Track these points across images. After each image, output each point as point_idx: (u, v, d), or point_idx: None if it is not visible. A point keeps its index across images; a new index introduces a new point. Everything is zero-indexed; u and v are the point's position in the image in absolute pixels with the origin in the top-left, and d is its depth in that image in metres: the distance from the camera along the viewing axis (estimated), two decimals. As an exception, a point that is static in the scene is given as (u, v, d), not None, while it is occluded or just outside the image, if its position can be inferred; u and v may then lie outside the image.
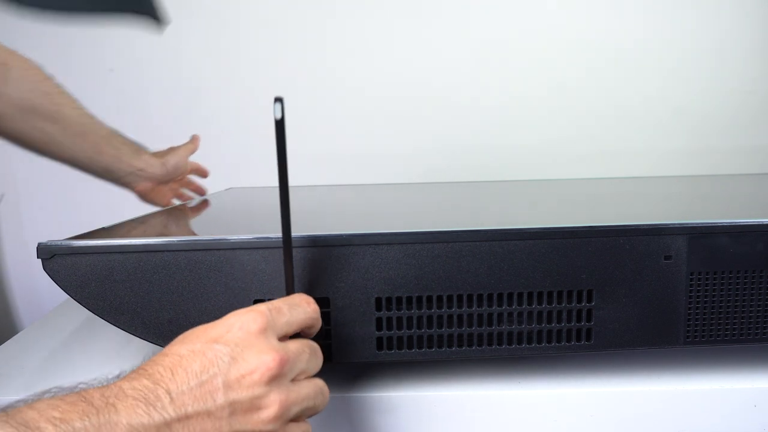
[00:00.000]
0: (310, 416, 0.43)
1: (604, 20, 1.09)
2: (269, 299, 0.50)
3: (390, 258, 0.50)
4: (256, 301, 0.50)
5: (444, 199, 0.81)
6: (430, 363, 0.58)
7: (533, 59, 1.09)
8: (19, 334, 0.68)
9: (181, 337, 0.42)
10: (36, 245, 0.50)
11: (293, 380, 0.42)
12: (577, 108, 1.10)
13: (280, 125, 0.42)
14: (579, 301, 0.52)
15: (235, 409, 0.39)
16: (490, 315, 0.52)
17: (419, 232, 0.51)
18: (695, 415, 0.53)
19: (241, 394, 0.39)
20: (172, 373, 0.39)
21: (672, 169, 1.10)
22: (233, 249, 0.50)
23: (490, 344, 0.52)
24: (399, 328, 0.51)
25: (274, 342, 0.42)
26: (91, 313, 0.50)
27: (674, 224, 0.52)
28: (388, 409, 0.53)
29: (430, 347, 0.52)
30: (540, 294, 0.52)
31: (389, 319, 0.51)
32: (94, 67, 1.06)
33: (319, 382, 0.44)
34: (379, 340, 0.51)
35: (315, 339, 0.50)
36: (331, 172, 1.06)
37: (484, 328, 0.52)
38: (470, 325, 0.52)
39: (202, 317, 0.50)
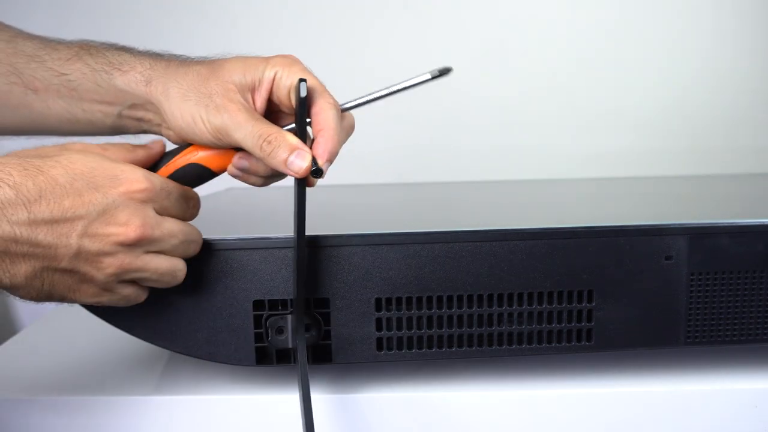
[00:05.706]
0: (149, 286, 0.46)
1: (603, 20, 1.09)
2: (269, 300, 0.50)
3: (390, 258, 0.50)
4: (255, 302, 0.50)
5: (444, 199, 0.81)
6: (430, 363, 0.58)
7: (533, 59, 1.09)
8: (19, 334, 0.68)
9: (68, 159, 0.42)
10: (35, 245, 0.50)
11: (150, 252, 0.43)
12: (576, 108, 1.10)
13: (302, 102, 0.46)
14: (579, 301, 0.52)
15: (80, 253, 0.41)
16: (490, 315, 0.52)
17: (419, 233, 0.51)
18: (695, 416, 0.53)
19: (93, 245, 0.41)
20: (40, 196, 0.39)
21: (671, 169, 1.10)
22: (233, 249, 0.50)
23: (490, 344, 0.52)
24: (399, 328, 0.51)
25: (150, 213, 0.43)
26: (90, 313, 0.50)
27: (674, 224, 0.52)
28: (388, 409, 0.53)
29: (430, 347, 0.52)
30: (540, 294, 0.52)
31: (389, 320, 0.51)
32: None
33: (169, 264, 0.45)
34: (379, 340, 0.51)
35: (316, 339, 0.50)
36: (331, 172, 1.06)
37: (484, 328, 0.52)
38: (470, 326, 0.52)
39: (202, 317, 0.50)
